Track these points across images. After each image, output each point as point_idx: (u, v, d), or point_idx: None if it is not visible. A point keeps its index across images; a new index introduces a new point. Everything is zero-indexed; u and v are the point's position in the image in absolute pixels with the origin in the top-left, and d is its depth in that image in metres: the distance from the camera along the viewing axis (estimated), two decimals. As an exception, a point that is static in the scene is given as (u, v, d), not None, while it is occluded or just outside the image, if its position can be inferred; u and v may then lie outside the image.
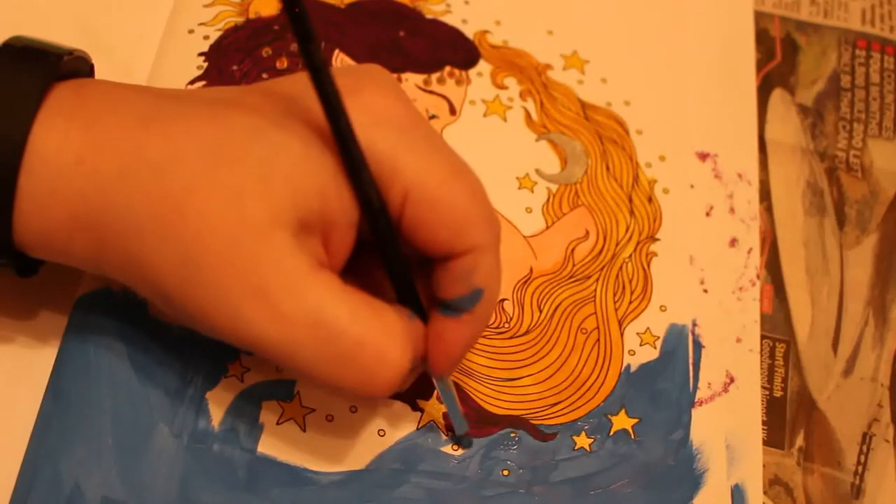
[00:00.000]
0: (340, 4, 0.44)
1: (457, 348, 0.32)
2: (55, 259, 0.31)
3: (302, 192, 0.29)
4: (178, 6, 0.42)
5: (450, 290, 0.31)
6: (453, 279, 0.31)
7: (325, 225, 0.30)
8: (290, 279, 0.29)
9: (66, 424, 0.34)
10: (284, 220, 0.29)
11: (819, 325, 0.41)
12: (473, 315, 0.32)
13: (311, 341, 0.29)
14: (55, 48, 0.31)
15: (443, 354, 0.32)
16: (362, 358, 0.29)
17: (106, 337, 0.35)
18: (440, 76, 0.43)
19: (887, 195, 0.44)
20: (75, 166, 0.29)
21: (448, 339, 0.32)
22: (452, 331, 0.32)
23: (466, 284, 0.31)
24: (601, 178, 0.42)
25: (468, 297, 0.31)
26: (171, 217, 0.29)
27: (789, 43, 0.47)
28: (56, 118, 0.29)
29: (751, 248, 0.42)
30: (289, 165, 0.29)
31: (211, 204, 0.29)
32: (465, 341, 0.32)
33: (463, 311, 0.32)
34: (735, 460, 0.38)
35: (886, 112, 0.46)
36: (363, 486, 0.35)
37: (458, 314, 0.32)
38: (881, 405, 0.40)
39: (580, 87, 0.44)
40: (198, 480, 0.34)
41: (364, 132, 0.29)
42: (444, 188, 0.30)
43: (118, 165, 0.29)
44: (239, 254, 0.28)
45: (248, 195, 0.29)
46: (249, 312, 0.29)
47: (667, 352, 0.39)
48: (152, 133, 0.29)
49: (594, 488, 0.36)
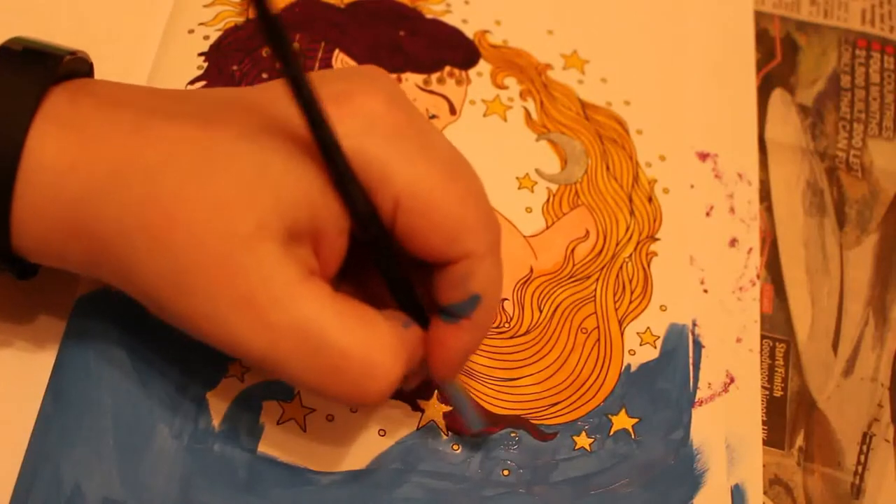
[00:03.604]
0: (340, 4, 0.44)
1: (457, 354, 0.32)
2: (52, 264, 0.31)
3: (290, 202, 0.29)
4: (178, 6, 0.42)
5: (447, 295, 0.31)
6: (450, 285, 0.31)
7: (315, 233, 0.30)
8: (276, 290, 0.29)
9: (66, 425, 0.34)
10: (272, 231, 0.29)
11: (819, 325, 0.41)
12: (472, 321, 0.31)
13: (298, 352, 0.29)
14: (54, 50, 0.31)
15: (443, 360, 0.32)
16: (349, 370, 0.29)
17: (106, 338, 0.35)
18: (440, 76, 0.43)
19: (887, 195, 0.44)
20: (70, 173, 0.29)
21: (448, 345, 0.32)
22: (452, 337, 0.32)
23: (463, 290, 0.31)
24: (601, 178, 0.42)
25: (465, 302, 0.31)
26: (160, 225, 0.29)
27: (789, 43, 0.47)
28: (52, 124, 0.29)
29: (751, 248, 0.42)
30: (276, 174, 0.29)
31: (198, 214, 0.28)
32: (465, 348, 0.32)
33: (461, 317, 0.31)
34: (735, 460, 0.38)
35: (886, 112, 0.46)
36: (363, 486, 0.35)
37: (457, 320, 0.31)
38: (881, 405, 0.40)
39: (580, 86, 0.44)
40: (198, 481, 0.34)
41: (355, 139, 0.29)
42: (436, 194, 0.30)
43: (110, 171, 0.29)
44: (226, 265, 0.28)
45: (235, 206, 0.28)
46: (237, 322, 0.29)
47: (667, 351, 0.39)
48: (145, 136, 0.29)
49: (594, 488, 0.36)
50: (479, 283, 0.31)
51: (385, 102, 0.30)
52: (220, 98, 0.31)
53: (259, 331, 0.29)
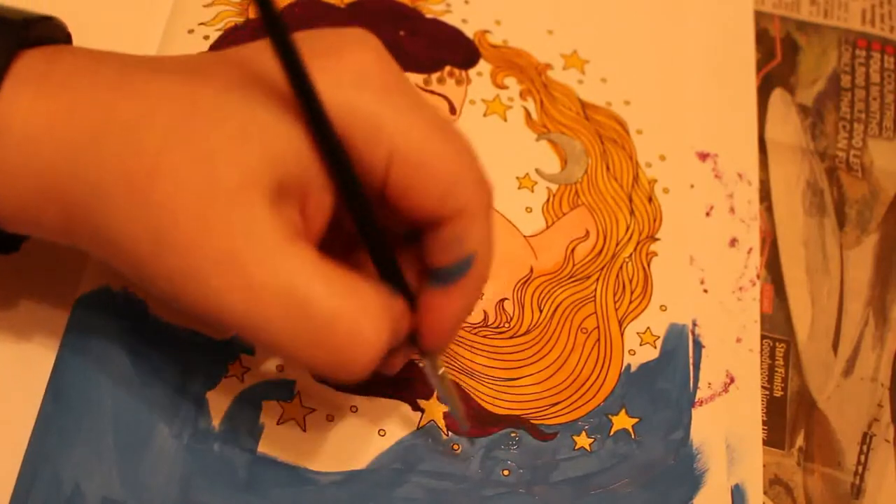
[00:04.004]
0: (340, 4, 0.44)
1: (450, 320, 0.31)
2: (30, 232, 0.31)
3: (279, 156, 0.28)
4: (178, 6, 0.42)
5: (441, 257, 0.30)
6: (443, 246, 0.30)
7: (302, 190, 0.28)
8: (262, 248, 0.27)
9: (66, 425, 0.34)
10: (260, 185, 0.27)
11: (819, 325, 0.41)
12: (467, 282, 0.30)
13: (282, 316, 0.27)
14: (22, 14, 0.30)
15: (435, 328, 0.31)
16: (335, 336, 0.28)
17: (106, 337, 0.35)
18: (440, 76, 0.43)
19: (887, 195, 0.44)
20: (45, 134, 0.28)
21: (441, 311, 0.31)
22: (444, 302, 0.31)
23: (457, 251, 0.30)
24: (601, 178, 0.42)
25: (460, 263, 0.30)
26: (141, 179, 0.27)
27: (789, 43, 0.47)
28: (24, 87, 0.28)
29: (751, 247, 0.42)
30: (265, 127, 0.28)
31: (182, 166, 0.27)
32: (458, 312, 0.31)
33: (456, 279, 0.30)
34: (735, 460, 0.38)
35: (886, 112, 0.46)
36: (363, 486, 0.35)
37: (452, 283, 0.30)
38: (881, 405, 0.40)
39: (580, 86, 0.44)
40: (198, 480, 0.34)
41: (345, 92, 0.28)
42: (431, 146, 0.29)
43: (89, 129, 0.28)
44: (210, 218, 0.27)
45: (222, 157, 0.27)
46: (217, 281, 0.27)
47: (667, 351, 0.39)
48: (125, 93, 0.28)
49: (594, 488, 0.36)
50: (473, 243, 0.30)
51: (375, 58, 0.29)
52: (203, 56, 0.31)
53: (240, 291, 0.27)
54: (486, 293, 0.39)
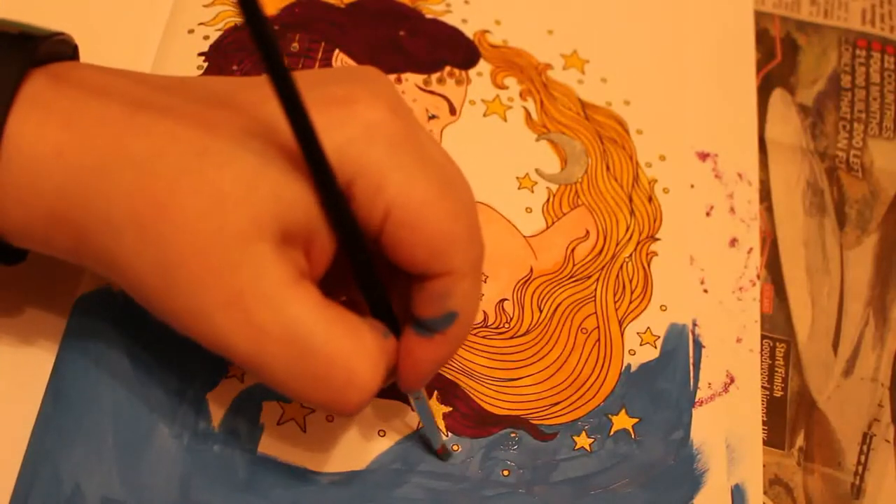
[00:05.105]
0: (340, 4, 0.44)
1: (426, 367, 0.31)
2: (38, 249, 0.31)
3: (287, 203, 0.28)
4: (178, 6, 0.42)
5: (424, 309, 0.31)
6: (428, 299, 0.30)
7: (307, 235, 0.29)
8: (267, 290, 0.28)
9: (66, 425, 0.34)
10: (268, 230, 0.28)
11: (819, 325, 0.41)
12: (446, 337, 0.31)
13: (283, 356, 0.28)
14: (33, 31, 0.30)
15: (412, 372, 0.31)
16: (334, 378, 0.29)
17: (106, 337, 0.35)
18: (440, 76, 0.43)
19: (887, 195, 0.44)
20: (54, 159, 0.28)
21: (419, 357, 0.31)
22: (424, 350, 0.31)
23: (441, 306, 0.30)
24: (601, 178, 0.42)
25: (441, 318, 0.31)
26: (150, 216, 0.28)
27: (789, 43, 0.47)
28: (33, 108, 0.29)
29: (751, 248, 0.42)
30: (276, 173, 0.28)
31: (192, 206, 0.28)
32: (435, 361, 0.32)
33: (435, 332, 0.31)
34: (735, 460, 0.38)
35: (886, 112, 0.46)
36: (363, 486, 0.35)
37: (431, 334, 0.31)
38: (881, 405, 0.40)
39: (580, 86, 0.44)
40: (198, 481, 0.34)
41: (352, 147, 0.29)
42: (426, 209, 0.29)
43: (98, 160, 0.28)
44: (217, 259, 0.28)
45: (232, 200, 0.28)
46: (222, 321, 0.28)
47: (667, 351, 0.39)
48: (136, 128, 0.29)
49: (594, 488, 0.36)
50: (458, 302, 0.30)
51: (386, 111, 0.30)
52: (210, 93, 0.30)
53: (245, 331, 0.28)
54: (487, 293, 0.39)
